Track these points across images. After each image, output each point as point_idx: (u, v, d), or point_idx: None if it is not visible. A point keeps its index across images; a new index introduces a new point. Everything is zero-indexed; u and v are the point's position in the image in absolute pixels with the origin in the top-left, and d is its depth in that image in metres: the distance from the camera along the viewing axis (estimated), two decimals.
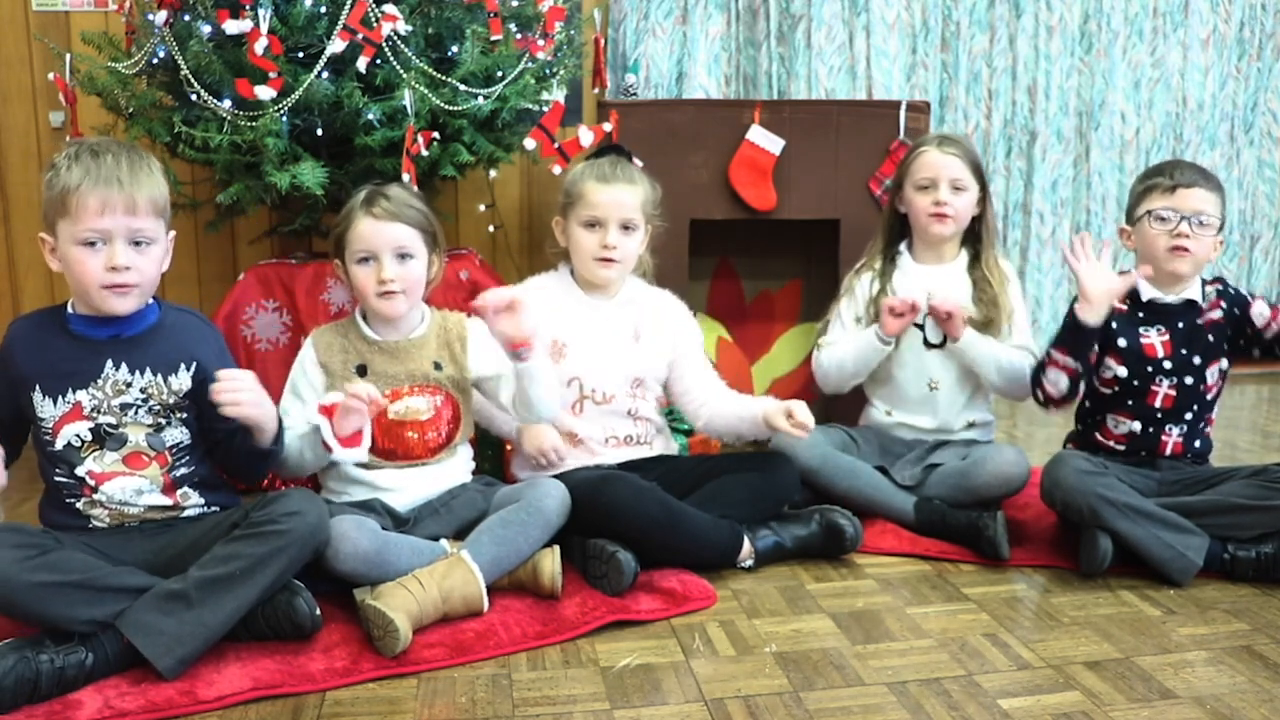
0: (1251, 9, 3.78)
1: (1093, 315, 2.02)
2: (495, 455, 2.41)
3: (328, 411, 1.80)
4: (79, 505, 1.67)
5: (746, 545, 1.98)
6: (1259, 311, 2.07)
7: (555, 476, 1.97)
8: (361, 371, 1.93)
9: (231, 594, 1.55)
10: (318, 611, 1.64)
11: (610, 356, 2.15)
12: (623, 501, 1.86)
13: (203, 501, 1.74)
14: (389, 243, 1.90)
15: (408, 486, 1.94)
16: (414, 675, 1.58)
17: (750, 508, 2.03)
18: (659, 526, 1.86)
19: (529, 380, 1.89)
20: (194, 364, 1.70)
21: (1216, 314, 2.09)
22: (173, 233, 1.72)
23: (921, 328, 2.31)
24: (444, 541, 1.83)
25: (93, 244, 1.59)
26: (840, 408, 2.59)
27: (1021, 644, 1.69)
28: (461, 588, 1.71)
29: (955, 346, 2.26)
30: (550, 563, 1.80)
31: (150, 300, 1.72)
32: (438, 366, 1.97)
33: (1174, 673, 1.59)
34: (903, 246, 2.39)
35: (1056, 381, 2.09)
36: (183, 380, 1.69)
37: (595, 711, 1.48)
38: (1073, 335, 2.04)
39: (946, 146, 2.30)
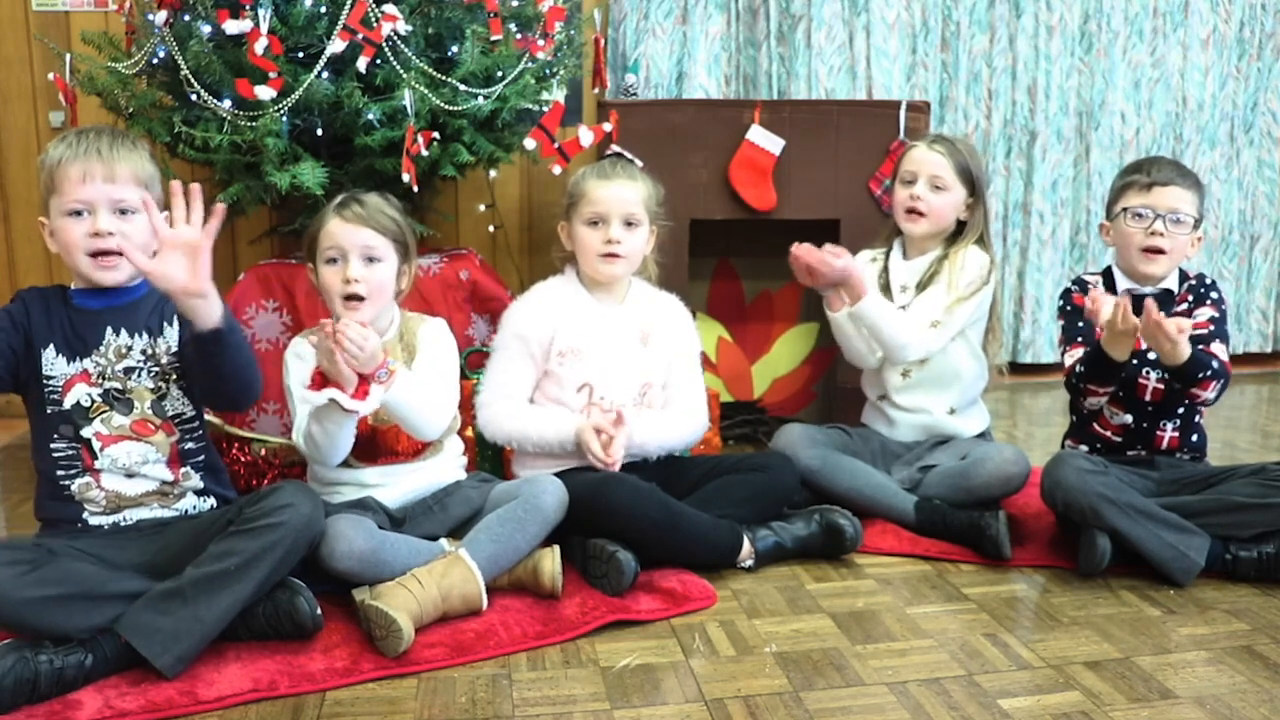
0: (1251, 9, 3.78)
1: (1117, 351, 1.96)
2: (495, 454, 2.41)
3: (319, 383, 1.75)
4: (75, 486, 1.67)
5: (746, 545, 1.98)
6: (1200, 312, 2.07)
7: (556, 474, 1.96)
8: None
9: (227, 590, 1.54)
10: (319, 611, 1.64)
11: (620, 362, 2.14)
12: (623, 502, 1.86)
13: (202, 486, 1.76)
14: (356, 244, 1.88)
15: (396, 482, 1.94)
16: (414, 675, 1.58)
17: (750, 508, 2.03)
18: (659, 527, 1.86)
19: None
20: (176, 319, 1.74)
21: (1184, 305, 2.11)
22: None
23: None
24: (443, 540, 1.83)
25: (78, 214, 1.65)
26: (841, 408, 2.58)
27: (1021, 644, 1.69)
28: (460, 586, 1.71)
29: (855, 309, 2.21)
30: (550, 562, 1.80)
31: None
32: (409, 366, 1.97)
33: (1174, 673, 1.59)
34: (895, 242, 2.41)
35: (1097, 404, 2.12)
36: (169, 338, 1.74)
37: (595, 711, 1.48)
38: (1099, 368, 2.02)
39: (935, 145, 2.32)
